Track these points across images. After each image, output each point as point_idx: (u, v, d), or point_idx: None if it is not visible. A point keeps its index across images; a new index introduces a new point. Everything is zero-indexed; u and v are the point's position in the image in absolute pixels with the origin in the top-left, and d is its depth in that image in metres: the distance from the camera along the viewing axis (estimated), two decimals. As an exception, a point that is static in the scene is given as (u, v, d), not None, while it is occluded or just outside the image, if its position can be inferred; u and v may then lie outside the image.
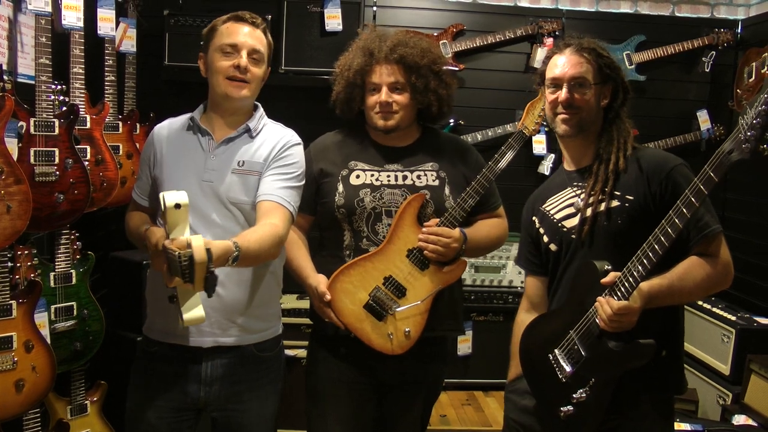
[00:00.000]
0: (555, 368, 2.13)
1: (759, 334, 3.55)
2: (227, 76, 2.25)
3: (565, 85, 2.20)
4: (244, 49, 2.26)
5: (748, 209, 4.15)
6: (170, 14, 3.90)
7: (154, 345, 2.32)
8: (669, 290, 1.98)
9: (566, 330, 2.10)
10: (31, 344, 2.47)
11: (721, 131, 4.44)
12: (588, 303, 2.01)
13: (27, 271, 2.51)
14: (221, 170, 2.27)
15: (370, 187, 2.49)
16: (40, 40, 2.51)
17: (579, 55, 2.21)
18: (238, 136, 2.33)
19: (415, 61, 2.46)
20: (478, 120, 4.33)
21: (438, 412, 3.78)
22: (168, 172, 2.28)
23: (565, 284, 2.23)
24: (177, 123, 2.39)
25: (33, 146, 2.49)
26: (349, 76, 2.51)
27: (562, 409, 2.08)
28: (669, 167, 2.07)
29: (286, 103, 3.72)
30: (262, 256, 2.13)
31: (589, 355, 2.02)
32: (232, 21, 2.29)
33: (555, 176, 2.44)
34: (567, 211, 2.23)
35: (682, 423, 3.04)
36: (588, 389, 2.02)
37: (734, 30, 4.44)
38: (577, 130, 2.20)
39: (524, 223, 2.45)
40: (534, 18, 4.37)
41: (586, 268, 2.06)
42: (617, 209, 2.09)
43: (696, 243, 2.02)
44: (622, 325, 1.92)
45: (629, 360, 1.95)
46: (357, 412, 2.53)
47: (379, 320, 2.42)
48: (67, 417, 2.97)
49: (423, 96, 2.48)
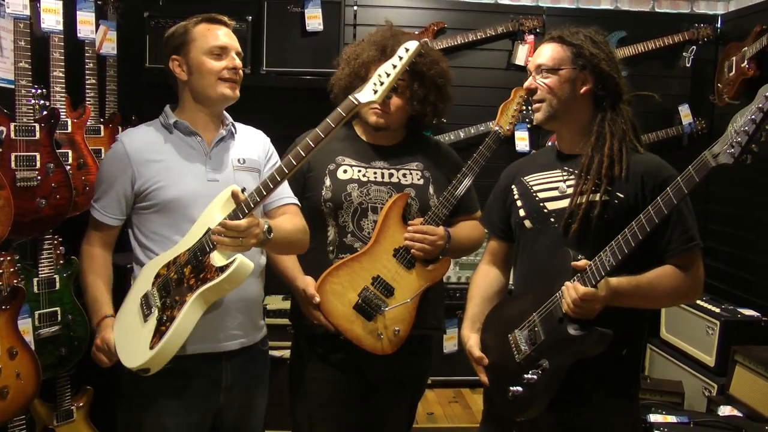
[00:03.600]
0: (513, 348, 2.14)
1: (743, 326, 3.58)
2: (221, 77, 2.26)
3: (533, 73, 2.20)
4: (232, 50, 2.29)
5: (731, 201, 4.18)
6: (150, 16, 3.87)
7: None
8: (636, 290, 2.00)
9: (530, 311, 2.11)
10: (15, 351, 2.45)
11: (703, 125, 4.46)
12: (555, 287, 2.02)
13: (10, 277, 2.48)
14: (224, 169, 2.31)
15: (358, 182, 2.50)
16: (18, 44, 2.48)
17: (553, 43, 2.20)
18: (226, 135, 2.36)
19: (422, 69, 2.47)
20: (460, 118, 4.33)
21: (425, 410, 3.79)
22: (166, 177, 2.25)
23: (533, 267, 2.22)
24: (149, 131, 2.34)
25: (14, 151, 2.47)
26: (355, 66, 2.52)
27: (512, 388, 2.09)
28: (665, 175, 2.07)
29: (268, 104, 3.71)
30: (294, 241, 2.34)
31: (548, 337, 2.03)
32: (207, 23, 2.30)
33: (544, 152, 2.42)
34: (551, 193, 2.21)
35: (668, 415, 3.06)
36: (540, 371, 2.03)
37: (714, 25, 4.46)
38: (548, 118, 2.19)
39: (500, 188, 2.41)
40: (515, 15, 4.37)
41: (559, 254, 2.07)
42: (605, 204, 2.08)
43: (677, 253, 2.03)
44: (585, 311, 1.93)
45: (585, 346, 1.96)
46: (344, 411, 2.54)
47: (368, 320, 2.43)
48: (53, 423, 2.94)
49: (420, 105, 2.50)
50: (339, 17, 4.02)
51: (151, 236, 2.29)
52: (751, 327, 3.58)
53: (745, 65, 3.95)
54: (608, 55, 2.18)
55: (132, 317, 2.21)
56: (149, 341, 2.09)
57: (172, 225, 2.25)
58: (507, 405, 2.15)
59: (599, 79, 2.16)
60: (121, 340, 2.21)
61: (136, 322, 2.18)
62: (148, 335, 2.11)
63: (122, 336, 2.21)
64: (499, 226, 2.41)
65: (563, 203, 2.16)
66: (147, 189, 2.26)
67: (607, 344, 1.94)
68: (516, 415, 2.15)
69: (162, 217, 2.26)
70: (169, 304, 2.13)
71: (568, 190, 2.16)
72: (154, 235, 2.28)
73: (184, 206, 2.23)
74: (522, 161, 2.44)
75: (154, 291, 2.18)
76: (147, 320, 2.15)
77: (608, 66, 2.16)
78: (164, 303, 2.14)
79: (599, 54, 2.15)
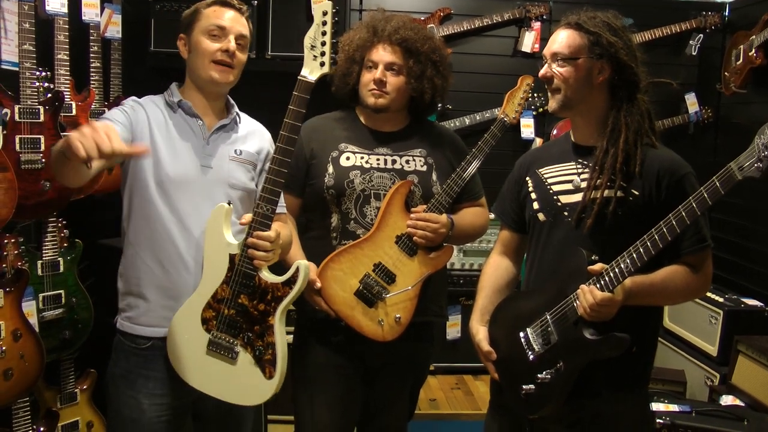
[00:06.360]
0: (524, 346, 2.14)
1: (746, 316, 3.58)
2: (214, 59, 2.23)
3: (549, 60, 2.17)
4: (232, 33, 2.25)
5: (735, 190, 4.15)
6: (155, 0, 3.87)
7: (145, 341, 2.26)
8: (650, 290, 2.00)
9: (542, 311, 2.11)
10: (19, 333, 2.46)
11: (710, 114, 4.45)
12: (569, 289, 2.02)
13: (14, 260, 2.49)
14: (220, 157, 2.29)
15: (360, 169, 2.49)
16: (23, 26, 2.48)
17: (570, 30, 2.14)
18: (229, 124, 2.34)
19: (416, 46, 2.47)
20: (465, 104, 4.33)
21: (428, 396, 3.79)
22: (163, 152, 2.22)
23: (545, 260, 2.22)
24: (158, 103, 2.32)
25: (18, 133, 2.47)
26: (349, 50, 2.53)
27: (524, 387, 2.10)
28: (682, 173, 2.06)
29: (273, 89, 3.68)
30: (287, 249, 2.39)
31: (562, 339, 2.04)
32: (218, 5, 2.27)
33: (558, 142, 2.39)
34: (565, 186, 2.19)
35: (670, 404, 3.06)
36: (554, 371, 2.04)
37: (722, 13, 4.44)
38: (562, 107, 2.16)
39: (514, 178, 2.40)
40: (521, 1, 4.36)
41: (573, 254, 2.06)
42: (620, 200, 2.06)
43: (690, 252, 2.03)
44: (601, 315, 1.93)
45: (602, 351, 1.96)
46: (345, 395, 2.55)
47: (369, 307, 2.43)
48: (56, 406, 2.96)
49: (418, 82, 2.49)
50: (345, 1, 4.00)
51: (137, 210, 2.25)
52: (754, 317, 3.58)
53: (752, 54, 3.92)
54: (626, 42, 2.13)
55: (214, 367, 2.20)
56: (261, 374, 2.16)
57: (155, 202, 2.21)
58: (519, 402, 2.15)
59: (616, 69, 2.11)
60: (221, 387, 2.21)
61: (224, 366, 2.19)
62: (254, 370, 2.16)
63: (219, 384, 2.21)
64: (512, 217, 2.40)
65: (577, 197, 2.14)
66: (140, 164, 2.22)
67: (624, 348, 1.93)
68: (529, 413, 2.15)
69: (147, 192, 2.21)
70: (253, 337, 2.17)
71: (582, 184, 2.15)
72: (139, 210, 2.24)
73: (175, 187, 2.21)
74: (536, 151, 2.43)
75: (219, 335, 2.18)
76: (236, 360, 2.17)
77: (626, 55, 2.10)
78: (246, 338, 2.17)
79: (617, 42, 2.10)
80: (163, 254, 2.22)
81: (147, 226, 2.23)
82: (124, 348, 2.28)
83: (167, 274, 2.22)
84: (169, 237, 2.21)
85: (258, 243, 2.12)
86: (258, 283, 2.15)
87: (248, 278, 2.15)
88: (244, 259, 2.15)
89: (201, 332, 2.19)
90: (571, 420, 2.14)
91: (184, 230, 2.22)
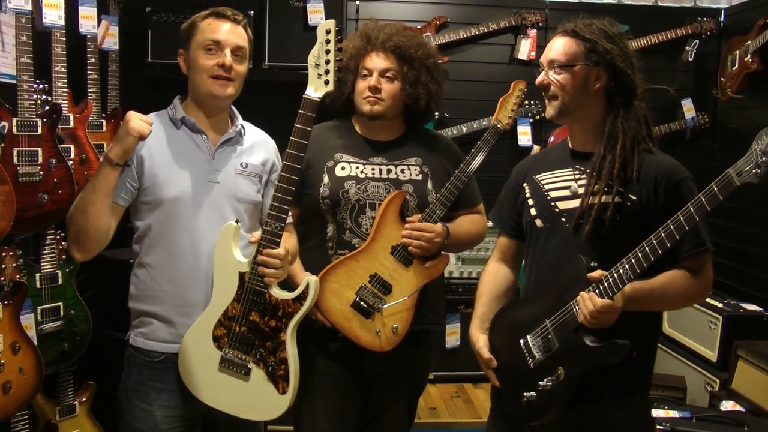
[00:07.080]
0: (525, 353, 2.15)
1: (745, 321, 3.58)
2: (211, 74, 2.23)
3: (545, 68, 2.17)
4: (227, 46, 2.24)
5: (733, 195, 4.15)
6: (152, 11, 3.87)
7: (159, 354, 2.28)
8: (650, 296, 2.00)
9: (542, 318, 2.11)
10: (18, 346, 2.45)
11: (706, 119, 4.46)
12: (569, 296, 2.02)
13: (12, 273, 2.48)
14: (226, 172, 2.30)
15: (355, 179, 2.50)
16: (20, 39, 2.48)
17: (566, 37, 2.15)
18: (234, 137, 2.34)
19: (409, 52, 2.49)
20: (462, 112, 4.34)
21: (427, 405, 3.79)
22: (166, 170, 2.23)
23: (543, 267, 2.22)
24: (157, 124, 2.29)
25: (16, 146, 2.46)
26: (343, 60, 2.52)
27: (525, 394, 2.10)
28: (679, 177, 2.06)
29: (270, 99, 3.70)
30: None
31: (563, 347, 2.04)
32: (213, 17, 2.27)
33: (556, 149, 2.39)
34: (562, 192, 2.20)
35: (670, 410, 3.06)
36: (554, 378, 2.04)
37: (717, 18, 4.46)
38: (560, 114, 2.16)
39: (511, 184, 2.40)
40: (517, 9, 4.37)
41: (572, 260, 2.06)
42: (618, 206, 2.06)
43: (689, 256, 2.03)
44: (601, 322, 1.94)
45: (603, 357, 1.97)
46: (344, 403, 2.55)
47: (366, 318, 2.43)
48: (55, 418, 2.95)
49: (413, 88, 2.50)
50: (341, 12, 4.01)
51: (149, 232, 2.27)
52: (754, 322, 3.59)
53: (748, 59, 3.93)
54: (623, 49, 2.14)
55: (227, 383, 2.22)
56: (275, 389, 2.19)
57: (167, 223, 2.23)
58: (520, 409, 2.15)
59: (613, 76, 2.12)
60: (234, 403, 2.24)
61: (236, 383, 2.21)
62: (268, 386, 2.20)
63: (232, 400, 2.23)
64: (510, 224, 2.41)
65: (575, 203, 2.15)
66: (147, 185, 2.24)
67: (625, 355, 1.94)
68: (530, 420, 2.15)
69: (159, 214, 2.24)
70: (265, 353, 2.19)
71: (580, 189, 2.15)
72: (151, 232, 2.27)
73: (183, 205, 2.22)
74: (533, 157, 2.43)
75: (231, 351, 2.20)
76: (249, 376, 2.20)
77: (623, 62, 2.11)
78: (258, 355, 2.19)
79: (614, 50, 2.10)
80: (176, 273, 2.23)
81: (158, 246, 2.24)
82: (137, 361, 2.29)
83: (180, 291, 2.24)
84: (181, 254, 2.23)
85: (268, 261, 2.14)
86: (269, 299, 2.17)
87: (259, 295, 2.17)
88: (254, 276, 2.16)
89: (213, 350, 2.20)
90: (572, 426, 2.14)
91: (194, 246, 2.23)
